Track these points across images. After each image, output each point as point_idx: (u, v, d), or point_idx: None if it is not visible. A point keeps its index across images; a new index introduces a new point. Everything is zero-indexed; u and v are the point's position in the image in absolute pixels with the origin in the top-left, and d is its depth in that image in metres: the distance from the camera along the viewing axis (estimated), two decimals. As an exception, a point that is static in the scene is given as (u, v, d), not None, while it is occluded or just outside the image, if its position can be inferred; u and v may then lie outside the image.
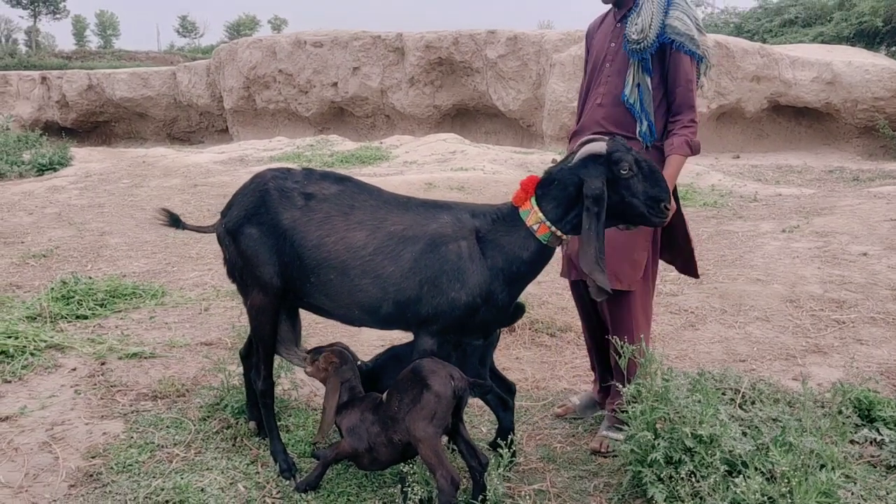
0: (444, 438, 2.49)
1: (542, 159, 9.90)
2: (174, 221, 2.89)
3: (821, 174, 10.68)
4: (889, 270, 5.17)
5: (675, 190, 2.88)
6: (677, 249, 3.08)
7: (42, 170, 10.41)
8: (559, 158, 9.53)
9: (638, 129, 2.89)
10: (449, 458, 2.43)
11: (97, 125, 20.47)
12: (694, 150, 2.86)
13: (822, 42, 16.90)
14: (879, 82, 12.19)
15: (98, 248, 6.25)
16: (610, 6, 3.06)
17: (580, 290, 3.15)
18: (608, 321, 3.04)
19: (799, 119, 13.28)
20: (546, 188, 2.51)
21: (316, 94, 17.64)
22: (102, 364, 3.65)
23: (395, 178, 8.49)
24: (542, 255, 2.55)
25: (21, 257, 5.88)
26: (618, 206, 2.46)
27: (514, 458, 2.68)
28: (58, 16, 53.95)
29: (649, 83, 2.86)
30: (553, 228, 2.48)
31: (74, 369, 3.59)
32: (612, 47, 2.97)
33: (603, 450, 2.96)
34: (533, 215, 2.49)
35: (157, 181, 9.38)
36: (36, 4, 51.15)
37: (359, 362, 2.80)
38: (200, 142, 19.32)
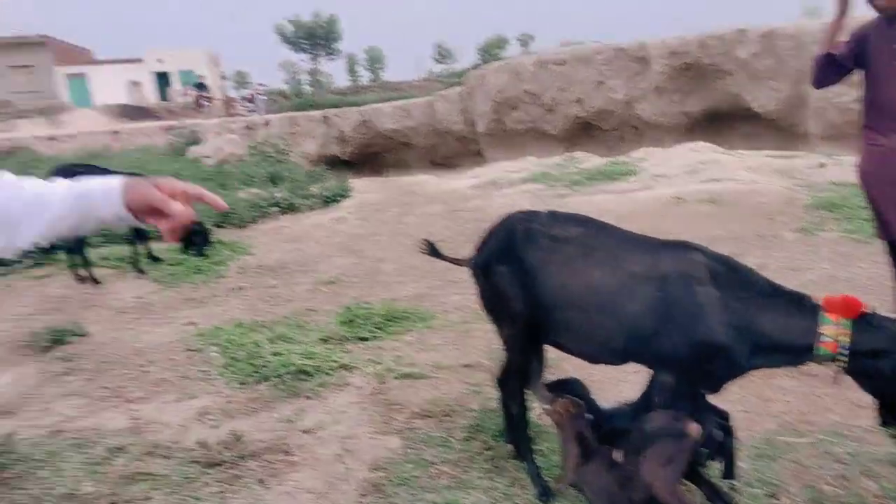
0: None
1: (806, 164, 9.06)
2: (433, 252, 3.28)
3: None
4: None
5: None
6: None
7: (327, 201, 11.94)
8: (827, 162, 8.57)
9: None
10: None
11: (369, 156, 22.79)
12: None
13: None
14: None
15: (374, 274, 7.05)
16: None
17: None
18: None
19: None
20: (877, 325, 2.35)
21: (561, 111, 17.91)
22: (382, 383, 4.16)
23: (642, 194, 8.38)
24: (799, 357, 2.47)
25: (314, 284, 6.83)
26: None
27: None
28: (332, 56, 60.69)
29: None
30: (843, 357, 2.34)
31: (360, 388, 4.15)
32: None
33: None
34: (835, 329, 2.34)
35: (422, 208, 10.26)
36: (315, 48, 58.26)
37: (593, 399, 2.90)
38: (458, 166, 20.59)
